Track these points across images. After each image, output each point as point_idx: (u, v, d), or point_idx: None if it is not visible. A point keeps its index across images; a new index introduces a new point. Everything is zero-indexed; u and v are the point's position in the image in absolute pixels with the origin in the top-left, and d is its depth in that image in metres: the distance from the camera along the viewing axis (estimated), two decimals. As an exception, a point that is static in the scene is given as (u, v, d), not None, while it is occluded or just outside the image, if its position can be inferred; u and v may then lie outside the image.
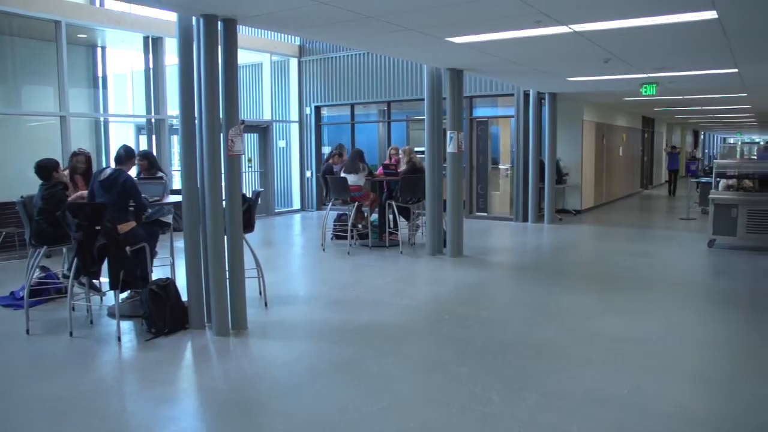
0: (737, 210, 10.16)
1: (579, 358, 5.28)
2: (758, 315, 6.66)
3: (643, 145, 23.22)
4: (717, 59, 8.73)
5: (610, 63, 8.84)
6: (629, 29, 6.59)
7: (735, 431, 3.96)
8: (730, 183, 10.97)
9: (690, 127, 34.50)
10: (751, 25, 6.66)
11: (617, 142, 18.99)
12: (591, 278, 8.71)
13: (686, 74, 10.19)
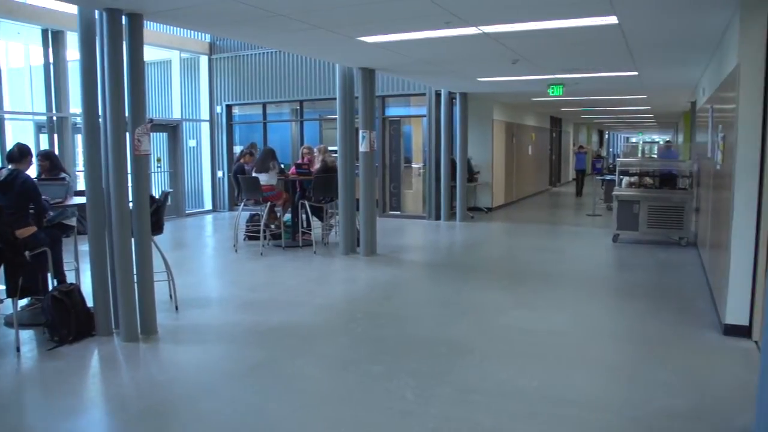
0: (639, 206, 10.64)
1: (491, 353, 5.40)
2: (657, 305, 6.98)
3: (551, 144, 23.96)
4: (618, 62, 9.10)
5: (519, 64, 9.07)
6: (535, 32, 6.78)
7: (637, 416, 4.14)
8: (632, 180, 11.47)
9: (595, 127, 35.86)
10: (648, 31, 6.97)
11: (526, 141, 19.53)
12: (502, 274, 8.92)
13: (590, 76, 10.57)
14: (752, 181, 5.48)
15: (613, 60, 8.93)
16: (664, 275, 8.66)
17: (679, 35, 7.16)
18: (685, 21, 6.42)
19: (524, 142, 19.22)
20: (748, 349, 5.38)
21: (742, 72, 5.52)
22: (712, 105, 8.37)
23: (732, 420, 4.07)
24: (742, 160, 5.54)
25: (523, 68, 9.52)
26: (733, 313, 5.69)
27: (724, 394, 4.50)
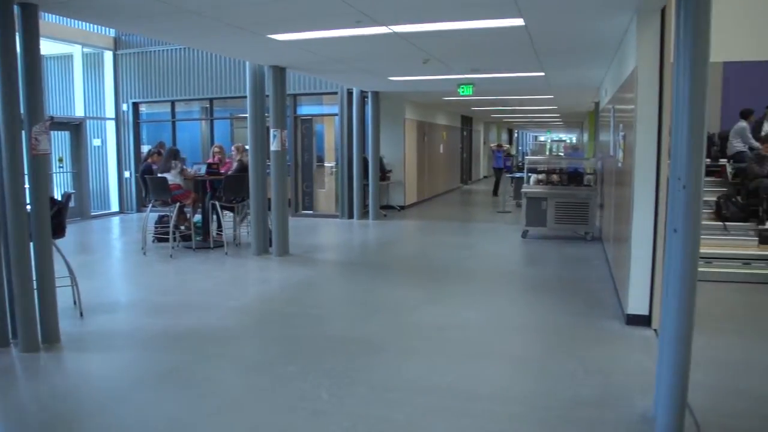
0: (546, 203, 10.97)
1: (405, 350, 5.44)
2: (564, 298, 7.21)
3: (462, 142, 24.38)
4: (525, 63, 9.34)
5: (429, 64, 9.17)
6: (445, 32, 6.87)
7: (548, 406, 4.26)
8: (540, 178, 11.81)
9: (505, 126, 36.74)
10: (553, 34, 7.18)
11: (438, 139, 19.80)
12: (415, 271, 9.01)
13: (499, 76, 10.81)
14: (650, 178, 5.74)
15: (521, 61, 9.15)
16: (571, 269, 8.95)
17: (582, 38, 7.42)
18: (587, 25, 6.65)
19: (436, 140, 19.49)
20: (648, 337, 5.63)
21: (639, 74, 5.76)
22: (613, 105, 8.72)
23: (634, 405, 4.24)
24: (640, 158, 5.79)
25: (433, 68, 9.64)
26: (635, 304, 5.95)
27: (627, 381, 4.69)
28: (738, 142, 10.42)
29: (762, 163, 9.49)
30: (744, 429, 3.99)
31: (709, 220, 9.44)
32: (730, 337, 5.81)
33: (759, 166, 9.49)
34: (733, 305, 7.09)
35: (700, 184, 3.49)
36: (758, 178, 9.43)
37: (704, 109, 3.48)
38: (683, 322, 3.64)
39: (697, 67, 3.48)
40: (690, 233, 3.51)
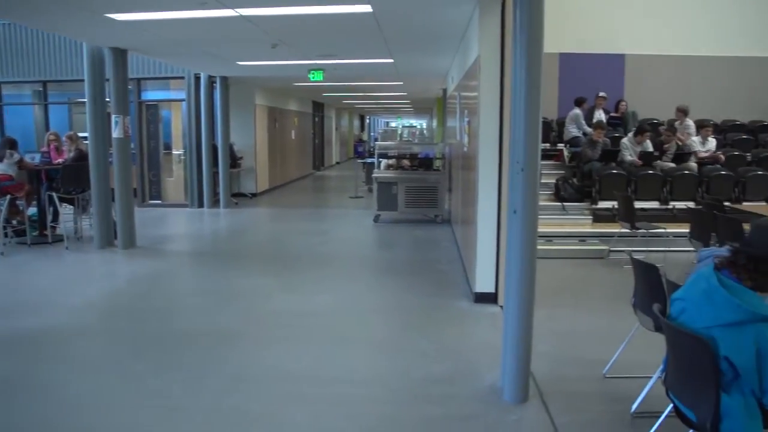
0: (397, 187, 11.22)
1: (260, 339, 5.39)
2: (416, 279, 7.43)
3: (314, 128, 24.35)
4: (375, 50, 9.45)
5: (278, 48, 9.06)
6: (293, 17, 6.81)
7: (402, 386, 4.39)
8: (391, 163, 12.05)
9: (357, 112, 37.07)
10: (400, 21, 7.32)
11: (289, 125, 19.65)
12: (269, 259, 8.93)
13: (349, 62, 10.88)
14: (493, 162, 6.03)
15: (370, 47, 9.25)
16: (422, 251, 9.22)
17: (429, 26, 7.61)
18: (433, 13, 6.83)
19: (287, 126, 19.33)
20: (495, 314, 5.92)
21: (482, 62, 6.01)
22: (459, 92, 9.04)
23: (483, 378, 4.47)
24: (484, 143, 6.06)
25: (283, 53, 9.53)
26: (482, 283, 6.25)
27: (475, 357, 4.92)
28: (573, 127, 11.16)
29: (594, 147, 10.22)
30: (579, 391, 4.31)
31: (549, 201, 10.07)
32: (568, 309, 6.23)
33: (591, 150, 10.22)
34: (570, 279, 7.60)
35: (536, 168, 3.71)
36: (591, 161, 10.16)
37: (539, 97, 3.70)
38: (524, 298, 3.87)
39: (532, 57, 3.69)
40: (529, 213, 3.73)
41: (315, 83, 12.87)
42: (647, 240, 8.65)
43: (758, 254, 2.70)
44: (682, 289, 2.94)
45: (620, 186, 9.57)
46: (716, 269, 2.77)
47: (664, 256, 8.02)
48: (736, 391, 2.63)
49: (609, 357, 4.58)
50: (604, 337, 5.10)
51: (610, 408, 4.06)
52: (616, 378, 4.46)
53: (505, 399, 4.11)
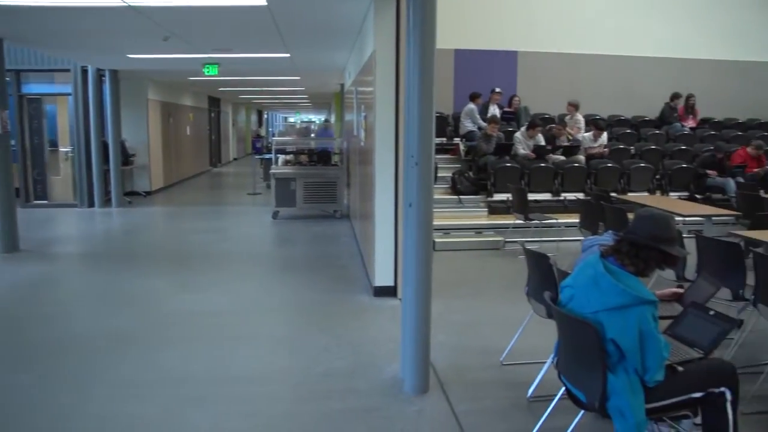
0: (295, 183, 11.13)
1: (156, 341, 5.22)
2: (316, 275, 7.40)
3: (210, 124, 23.78)
4: (270, 44, 9.31)
5: (171, 41, 8.78)
6: (184, 8, 6.61)
7: (302, 382, 4.37)
8: (289, 158, 11.94)
9: (254, 107, 36.49)
10: (296, 15, 7.24)
11: (184, 121, 19.11)
12: (165, 259, 8.65)
13: (245, 56, 10.68)
14: (390, 156, 6.08)
15: (266, 42, 9.12)
16: (322, 247, 9.19)
17: (325, 21, 7.57)
18: (328, 8, 6.81)
19: (182, 122, 18.80)
20: (395, 307, 5.96)
21: (378, 57, 6.04)
22: (356, 87, 9.06)
23: (384, 371, 4.51)
24: (380, 138, 6.10)
25: (175, 46, 9.24)
26: (381, 276, 6.30)
27: (376, 350, 4.95)
28: (468, 122, 11.41)
29: (489, 141, 10.49)
30: (477, 379, 4.42)
31: (446, 194, 10.26)
32: (466, 300, 6.38)
33: (486, 144, 10.49)
34: (468, 271, 7.77)
35: (430, 161, 3.76)
36: (486, 155, 10.43)
37: (432, 93, 3.75)
38: (421, 290, 3.93)
39: (425, 53, 3.73)
40: (423, 206, 3.78)
41: (210, 78, 12.55)
42: (540, 230, 8.98)
43: (639, 241, 2.85)
44: (571, 276, 3.07)
45: (514, 179, 9.88)
46: (602, 257, 2.91)
47: (557, 246, 8.35)
48: (621, 371, 2.77)
49: (505, 345, 4.73)
50: (501, 326, 5.25)
51: (507, 394, 4.18)
52: (512, 365, 4.60)
53: (405, 390, 4.16)
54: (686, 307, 3.34)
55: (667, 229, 2.88)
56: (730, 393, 2.91)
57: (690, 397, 2.89)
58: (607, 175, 10.49)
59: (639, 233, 2.87)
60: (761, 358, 4.71)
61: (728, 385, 2.91)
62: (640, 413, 2.74)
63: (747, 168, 10.81)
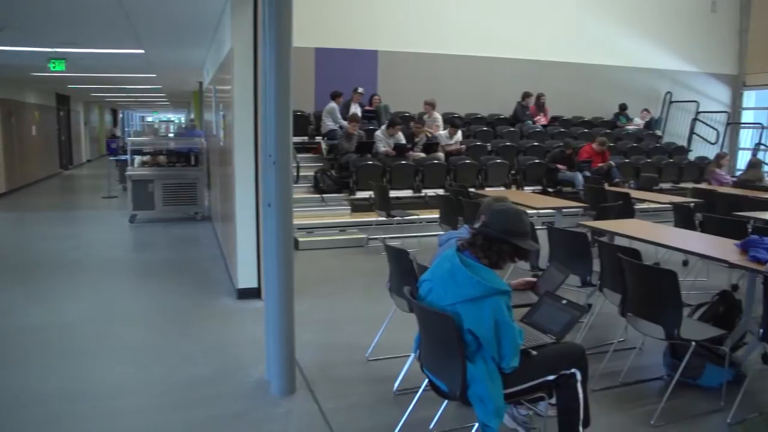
0: (153, 185, 10.70)
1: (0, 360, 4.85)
2: (177, 280, 7.14)
3: (59, 124, 22.38)
4: (123, 39, 8.87)
5: (6, 33, 8.16)
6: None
7: (164, 392, 4.22)
8: (146, 159, 11.46)
9: (108, 106, 34.74)
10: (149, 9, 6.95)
11: (29, 120, 17.87)
12: (9, 270, 8.01)
13: (95, 51, 10.12)
14: (249, 156, 5.98)
15: (117, 37, 8.68)
16: (182, 250, 8.90)
17: (180, 15, 7.32)
18: (183, 2, 6.58)
19: (27, 121, 17.56)
20: (259, 309, 5.81)
21: (235, 55, 5.92)
22: (215, 86, 8.85)
23: (250, 374, 4.44)
24: (239, 137, 5.99)
25: (13, 38, 8.59)
26: (244, 278, 6.19)
27: (241, 353, 4.86)
28: (330, 121, 11.44)
29: (350, 139, 10.57)
30: (344, 376, 4.48)
31: (309, 194, 10.24)
32: (331, 298, 6.41)
33: (348, 143, 10.56)
34: (332, 269, 7.79)
35: (288, 160, 3.74)
36: (348, 153, 10.50)
37: (289, 91, 3.72)
38: (284, 289, 3.90)
39: (281, 51, 3.69)
40: (283, 206, 3.75)
41: (57, 74, 11.80)
42: (403, 226, 9.16)
43: (493, 235, 2.96)
44: (429, 270, 3.15)
45: (376, 176, 10.01)
46: (458, 250, 3.00)
47: (419, 241, 8.54)
48: (479, 360, 2.87)
49: (371, 341, 4.79)
50: (366, 322, 5.31)
51: (373, 389, 4.24)
52: (378, 360, 4.68)
53: (272, 393, 4.12)
54: (541, 296, 3.52)
55: (520, 223, 3.01)
56: (580, 373, 3.10)
57: (544, 380, 3.05)
58: (465, 171, 10.86)
59: (493, 227, 2.98)
60: (607, 338, 5.05)
61: (578, 366, 3.10)
62: (498, 399, 2.86)
63: (593, 163, 11.58)
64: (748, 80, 16.85)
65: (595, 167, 11.50)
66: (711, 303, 4.78)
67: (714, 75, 16.60)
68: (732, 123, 16.60)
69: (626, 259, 4.21)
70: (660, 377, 4.54)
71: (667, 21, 15.54)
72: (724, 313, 4.67)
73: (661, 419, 3.86)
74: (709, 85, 16.56)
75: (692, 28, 15.94)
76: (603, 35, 14.76)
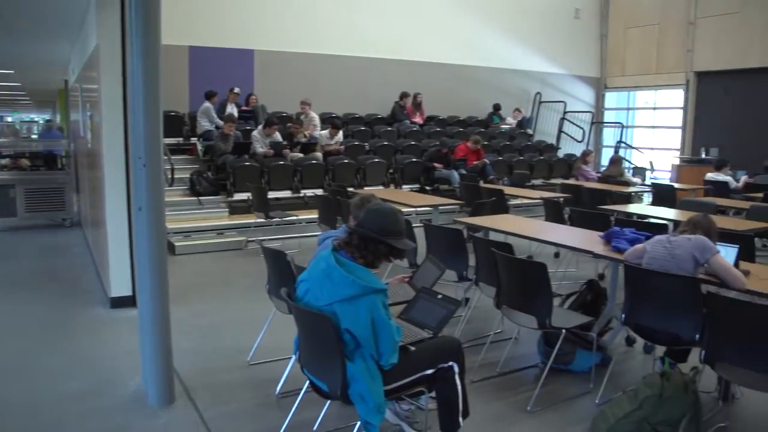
0: (15, 190, 10.02)
1: None
2: (44, 291, 6.70)
3: None
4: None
5: None
6: None
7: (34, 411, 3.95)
8: (5, 163, 10.73)
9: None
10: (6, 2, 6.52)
11: None
12: None
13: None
14: (119, 159, 5.72)
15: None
16: (50, 259, 8.40)
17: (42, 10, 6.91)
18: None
19: None
20: (134, 317, 5.59)
21: (101, 52, 5.66)
22: (81, 84, 8.42)
23: (127, 386, 4.26)
24: (108, 139, 5.72)
25: None
26: (117, 286, 5.92)
27: (116, 365, 4.65)
28: (205, 121, 11.16)
29: (227, 140, 10.36)
30: (225, 382, 4.38)
31: (185, 196, 9.96)
32: (211, 303, 6.25)
33: (224, 144, 10.35)
34: (211, 273, 7.60)
35: (160, 163, 3.61)
36: (225, 155, 10.29)
37: (159, 91, 3.59)
38: (158, 296, 3.77)
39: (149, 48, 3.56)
40: (155, 210, 3.62)
41: None
42: (282, 228, 9.09)
43: (368, 235, 2.99)
44: (306, 271, 3.14)
45: (254, 177, 9.88)
46: (335, 250, 3.01)
47: (299, 242, 8.50)
48: (358, 358, 2.89)
49: (252, 344, 4.74)
50: (246, 326, 5.23)
51: (256, 393, 4.19)
52: (259, 364, 4.63)
53: (150, 404, 3.97)
54: (417, 293, 3.58)
55: (396, 222, 3.05)
56: (458, 366, 3.19)
57: (423, 375, 3.11)
58: (344, 170, 10.91)
59: (368, 227, 3.00)
60: (485, 330, 5.23)
61: (455, 359, 3.19)
62: (379, 396, 2.89)
63: (468, 161, 11.94)
64: (609, 82, 17.99)
65: (470, 165, 11.86)
66: (579, 292, 5.06)
67: (579, 77, 17.58)
68: (596, 122, 17.66)
69: (499, 254, 4.37)
70: (535, 365, 4.75)
71: (535, 26, 16.33)
72: (591, 301, 4.95)
73: (537, 405, 4.04)
74: (575, 87, 17.53)
75: (558, 34, 16.83)
76: (477, 38, 15.29)
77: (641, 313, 4.07)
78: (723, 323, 3.53)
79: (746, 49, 14.50)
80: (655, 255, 4.04)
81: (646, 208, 8.48)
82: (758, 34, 14.27)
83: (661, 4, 16.37)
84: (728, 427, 3.91)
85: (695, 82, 15.86)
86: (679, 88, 16.20)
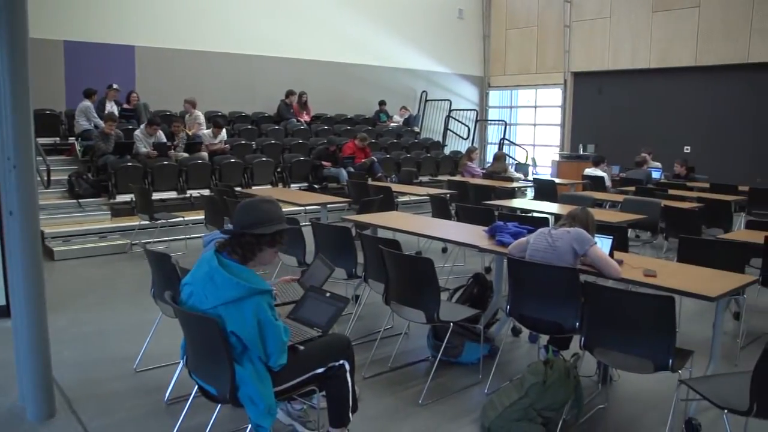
0: None
1: None
2: None
3: None
4: None
5: None
6: None
7: None
8: None
9: None
10: None
11: None
12: None
13: None
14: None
15: None
16: None
17: None
18: None
19: None
20: (8, 328, 5.32)
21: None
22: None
23: (2, 401, 4.02)
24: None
25: None
26: (-10, 296, 5.56)
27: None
28: (84, 120, 10.65)
29: (107, 140, 9.94)
30: (111, 391, 4.22)
31: (63, 199, 9.50)
32: (94, 310, 6.00)
33: (105, 144, 9.93)
34: (93, 279, 7.29)
35: (32, 164, 3.44)
36: (106, 155, 9.87)
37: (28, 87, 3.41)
38: (34, 305, 3.59)
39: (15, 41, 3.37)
40: (27, 214, 3.44)
41: None
42: (168, 230, 8.84)
43: (235, 231, 2.98)
44: (190, 274, 3.07)
45: (137, 178, 9.55)
46: (217, 252, 2.97)
47: (186, 243, 8.31)
48: (246, 361, 2.87)
49: (138, 351, 4.59)
50: (132, 332, 5.08)
51: (144, 401, 4.06)
52: (147, 370, 4.50)
53: (29, 419, 3.77)
54: (305, 291, 3.59)
55: (254, 211, 3.00)
56: (348, 363, 3.22)
57: (314, 374, 3.12)
58: (230, 170, 10.72)
59: (236, 225, 2.99)
60: (375, 327, 5.31)
61: (345, 357, 3.22)
62: (269, 398, 2.87)
63: (356, 159, 12.01)
64: (492, 81, 18.60)
65: (358, 163, 11.94)
66: (466, 285, 5.21)
67: (463, 76, 18.07)
68: (480, 120, 18.20)
69: (386, 250, 4.44)
70: (426, 359, 4.86)
71: (420, 26, 16.65)
72: (478, 294, 5.11)
73: (428, 397, 4.14)
74: (459, 85, 18.01)
75: (443, 33, 17.24)
76: (363, 36, 15.41)
77: (524, 304, 4.23)
78: (599, 311, 3.72)
79: (617, 52, 15.46)
80: (538, 247, 4.20)
81: (529, 203, 8.83)
82: (628, 38, 15.22)
83: (539, 7, 17.13)
84: (607, 407, 4.15)
85: (572, 82, 16.71)
86: (558, 87, 17.02)
